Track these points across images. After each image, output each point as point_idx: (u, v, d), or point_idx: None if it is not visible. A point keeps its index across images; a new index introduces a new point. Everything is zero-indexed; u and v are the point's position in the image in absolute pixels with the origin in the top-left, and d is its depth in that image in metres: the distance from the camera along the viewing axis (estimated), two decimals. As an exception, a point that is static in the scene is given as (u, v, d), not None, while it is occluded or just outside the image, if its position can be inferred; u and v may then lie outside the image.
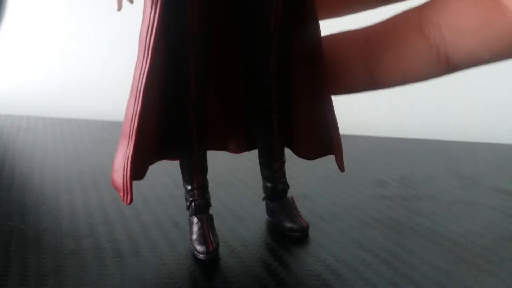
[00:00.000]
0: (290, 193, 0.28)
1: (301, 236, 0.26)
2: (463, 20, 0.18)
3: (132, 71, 0.20)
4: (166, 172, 0.34)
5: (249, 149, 0.27)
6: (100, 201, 0.31)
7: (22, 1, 0.61)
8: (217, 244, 0.24)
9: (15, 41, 0.62)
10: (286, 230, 0.26)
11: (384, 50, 0.20)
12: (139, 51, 0.20)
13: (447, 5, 0.19)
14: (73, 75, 0.62)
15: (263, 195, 0.28)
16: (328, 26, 0.22)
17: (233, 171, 0.36)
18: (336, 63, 0.21)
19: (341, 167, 0.25)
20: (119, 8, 0.19)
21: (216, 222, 0.25)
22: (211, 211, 0.25)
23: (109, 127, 0.53)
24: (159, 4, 0.19)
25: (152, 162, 0.25)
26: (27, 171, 0.38)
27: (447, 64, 0.19)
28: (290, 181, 0.27)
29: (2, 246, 0.25)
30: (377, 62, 0.20)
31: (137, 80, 0.20)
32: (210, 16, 0.21)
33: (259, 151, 0.26)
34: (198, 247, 0.23)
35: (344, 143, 0.24)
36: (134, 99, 0.20)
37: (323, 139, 0.24)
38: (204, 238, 0.24)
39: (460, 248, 0.25)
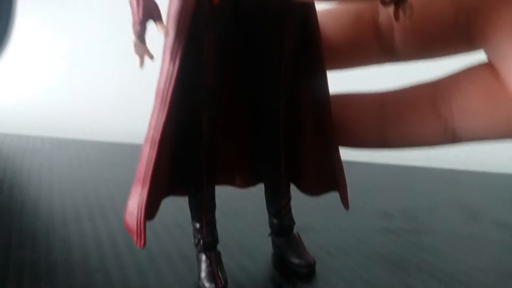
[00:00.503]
0: (296, 224, 0.28)
1: (308, 272, 0.27)
2: (472, 102, 0.20)
3: (139, 91, 0.20)
4: (173, 201, 0.35)
5: (254, 184, 0.28)
6: (109, 232, 0.32)
7: (29, 20, 0.62)
8: (226, 281, 0.24)
9: (21, 59, 0.63)
10: (293, 266, 0.27)
11: (397, 117, 0.21)
12: (156, 101, 0.20)
13: (459, 85, 0.20)
14: (79, 93, 0.63)
15: (269, 227, 0.28)
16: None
17: (239, 200, 0.37)
18: (349, 120, 0.22)
19: (345, 204, 0.25)
20: (141, 65, 0.19)
21: (224, 255, 0.26)
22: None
23: (115, 150, 0.53)
24: (178, 59, 0.19)
25: (162, 199, 0.25)
26: (36, 196, 0.38)
27: (453, 137, 0.21)
28: (295, 211, 0.28)
29: (14, 278, 0.26)
30: (389, 126, 0.21)
31: (153, 129, 0.21)
32: (223, 67, 0.22)
33: (265, 188, 0.27)
34: (207, 285, 0.24)
35: (347, 170, 0.25)
36: (149, 146, 0.21)
37: (328, 176, 0.25)
38: (213, 275, 0.24)
39: (463, 286, 0.26)
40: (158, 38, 0.20)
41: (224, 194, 0.26)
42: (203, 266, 0.24)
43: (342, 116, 0.22)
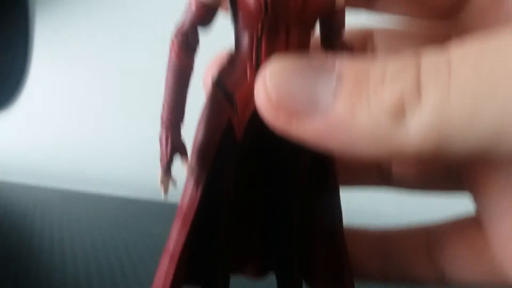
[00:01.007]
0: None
1: None
2: (460, 254, 0.22)
3: (152, 146, 0.21)
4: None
5: (264, 274, 0.29)
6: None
7: (43, 70, 0.63)
8: None
9: (33, 107, 0.65)
10: None
11: (395, 255, 0.23)
12: (177, 218, 0.21)
13: (448, 235, 0.23)
14: (90, 144, 0.64)
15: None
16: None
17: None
18: (352, 253, 0.24)
19: None
20: (166, 193, 0.21)
21: None
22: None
23: (125, 205, 0.54)
24: (201, 186, 0.21)
25: None
26: (49, 262, 0.39)
27: (443, 281, 0.22)
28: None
29: None
30: (387, 262, 0.23)
31: (173, 242, 0.22)
32: (242, 182, 0.23)
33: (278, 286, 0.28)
34: None
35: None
36: (168, 258, 0.22)
37: (336, 276, 0.26)
38: None
39: None
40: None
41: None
42: None
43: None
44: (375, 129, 0.15)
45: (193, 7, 0.20)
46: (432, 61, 0.14)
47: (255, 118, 0.19)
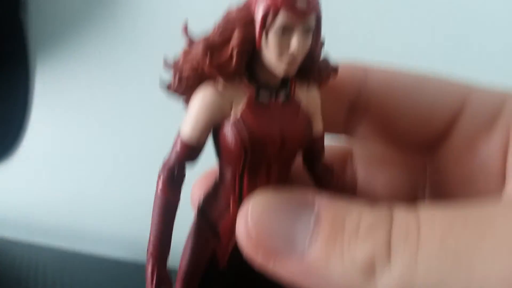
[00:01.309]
0: None
1: None
2: None
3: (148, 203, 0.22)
4: None
5: None
6: None
7: (42, 124, 0.64)
8: None
9: (30, 161, 0.65)
10: None
11: None
12: None
13: None
14: (87, 201, 0.64)
15: None
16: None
17: None
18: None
19: None
20: None
21: None
22: None
23: (122, 268, 0.54)
24: None
25: None
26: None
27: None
28: None
29: None
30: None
31: None
32: None
33: None
34: None
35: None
36: None
37: None
38: None
39: None
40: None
41: None
42: None
43: None
44: (346, 281, 0.16)
45: (178, 147, 0.20)
46: (403, 221, 0.16)
47: (238, 248, 0.20)
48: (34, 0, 0.61)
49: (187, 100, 0.21)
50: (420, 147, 0.24)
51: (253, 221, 0.18)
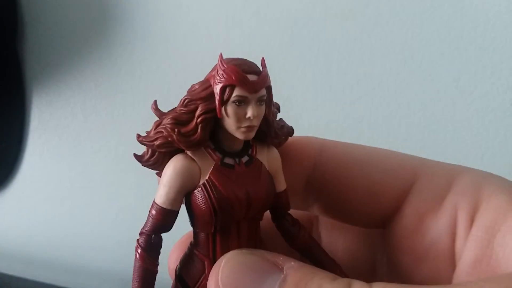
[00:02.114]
0: None
1: None
2: None
3: None
4: None
5: None
6: None
7: (37, 157, 0.64)
8: None
9: (24, 195, 0.65)
10: None
11: None
12: None
13: None
14: (80, 236, 0.63)
15: None
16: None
17: None
18: None
19: None
20: None
21: None
22: None
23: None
24: None
25: None
26: None
27: None
28: None
29: None
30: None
31: None
32: None
33: None
34: None
35: None
36: None
37: None
38: None
39: None
40: None
41: None
42: None
43: None
44: None
45: (153, 212, 0.22)
46: None
47: None
48: (30, 32, 0.61)
49: (159, 174, 0.23)
50: (374, 222, 0.25)
51: (222, 280, 0.19)
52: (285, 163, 0.24)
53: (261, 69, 0.22)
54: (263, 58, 0.22)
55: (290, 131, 0.24)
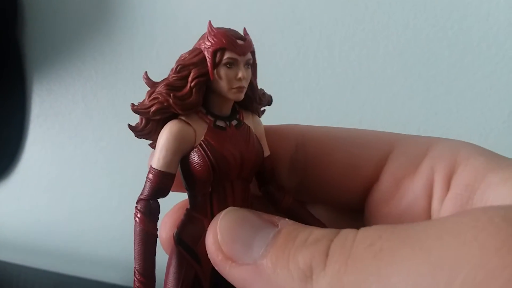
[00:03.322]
0: None
1: None
2: None
3: None
4: None
5: None
6: None
7: (37, 149, 0.64)
8: None
9: (25, 187, 0.65)
10: None
11: None
12: None
13: None
14: (82, 224, 0.63)
15: None
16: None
17: None
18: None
19: None
20: None
21: None
22: None
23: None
24: None
25: None
26: None
27: None
28: None
29: None
30: None
31: None
32: None
33: None
34: None
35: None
36: None
37: None
38: None
39: None
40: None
41: None
42: None
43: None
44: (288, 284, 0.17)
45: (150, 176, 0.22)
46: (343, 234, 0.17)
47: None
48: (31, 20, 0.61)
49: (153, 145, 0.24)
50: (356, 196, 0.26)
51: (220, 229, 0.20)
52: (269, 148, 0.25)
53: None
54: (244, 28, 0.24)
55: (270, 99, 0.26)
